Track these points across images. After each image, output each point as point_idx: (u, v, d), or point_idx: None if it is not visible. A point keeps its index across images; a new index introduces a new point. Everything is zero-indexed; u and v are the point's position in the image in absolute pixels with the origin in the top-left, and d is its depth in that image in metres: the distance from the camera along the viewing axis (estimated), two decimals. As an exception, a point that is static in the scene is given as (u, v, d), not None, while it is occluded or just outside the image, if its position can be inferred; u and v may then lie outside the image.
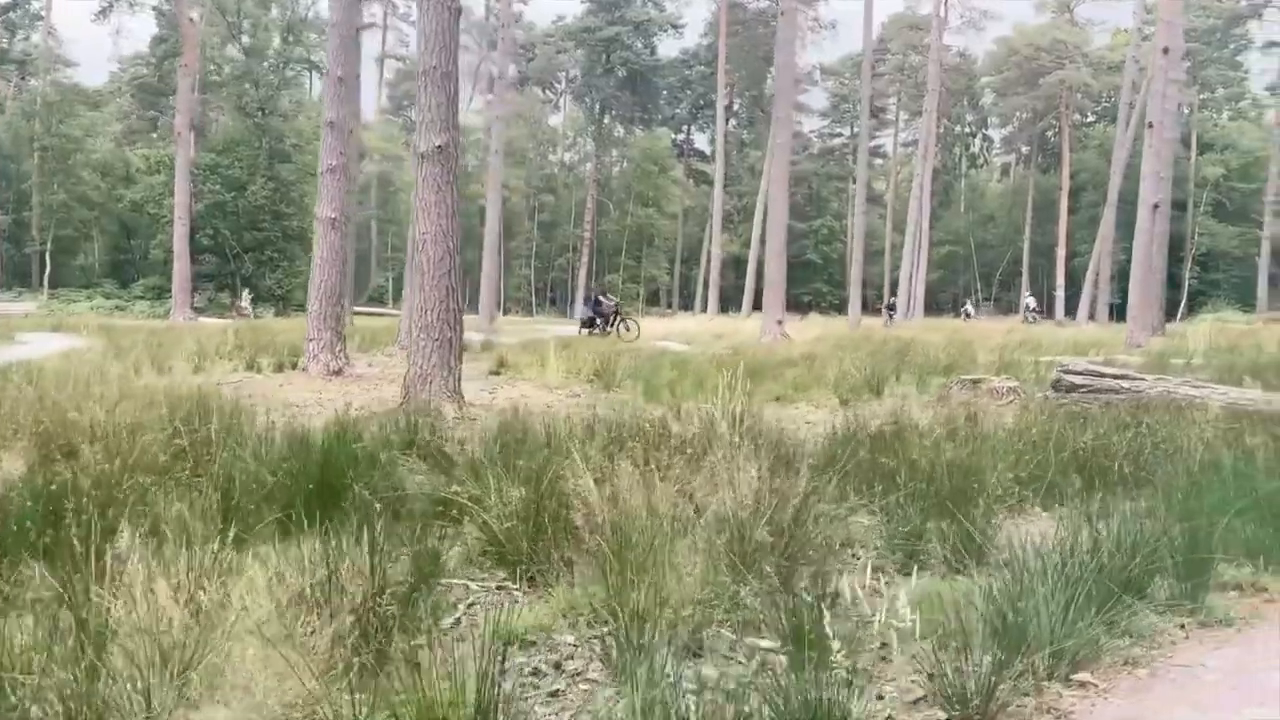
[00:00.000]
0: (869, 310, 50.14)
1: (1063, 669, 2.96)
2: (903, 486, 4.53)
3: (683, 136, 68.47)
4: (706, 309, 46.74)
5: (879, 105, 66.69)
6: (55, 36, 52.49)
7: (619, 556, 3.76)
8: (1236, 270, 54.54)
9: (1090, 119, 63.57)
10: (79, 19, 52.42)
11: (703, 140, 68.56)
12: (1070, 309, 46.60)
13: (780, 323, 21.97)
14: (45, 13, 50.74)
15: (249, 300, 37.73)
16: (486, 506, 4.01)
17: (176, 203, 30.85)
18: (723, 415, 5.40)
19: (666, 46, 64.26)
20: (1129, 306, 22.07)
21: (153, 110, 51.94)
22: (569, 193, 62.69)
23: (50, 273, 43.20)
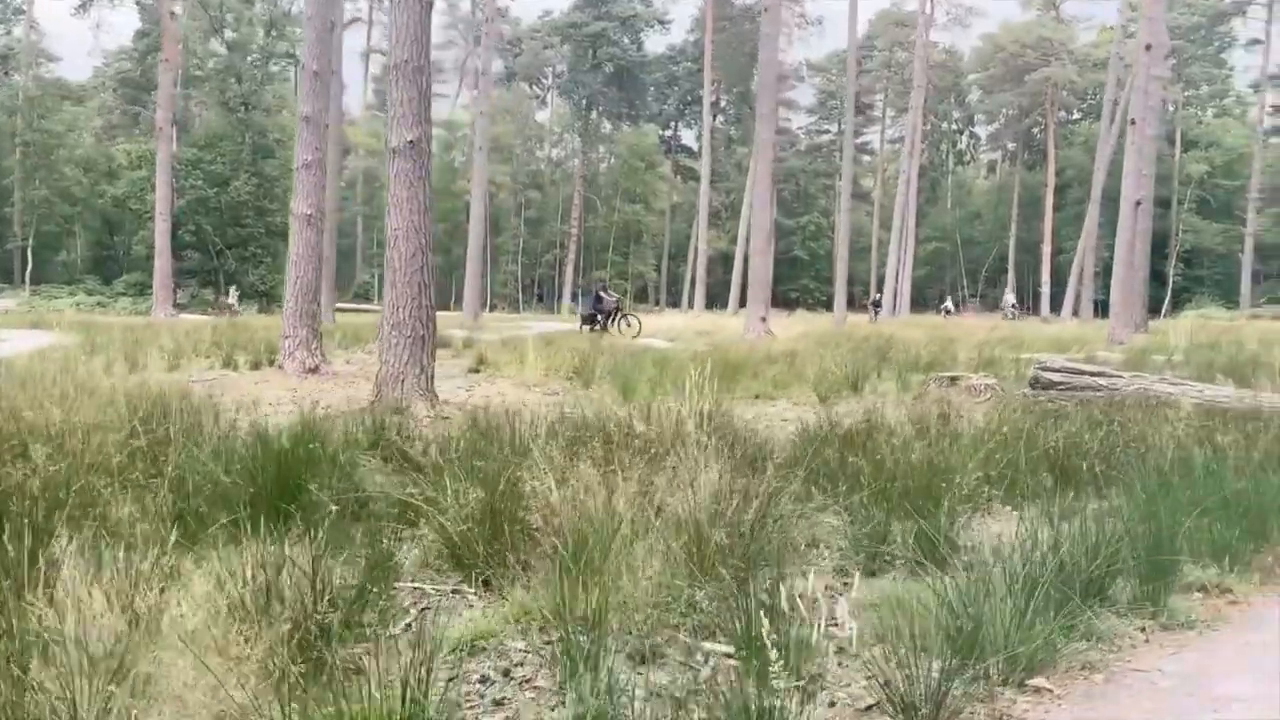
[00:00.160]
0: (855, 307, 50.25)
1: (1018, 674, 2.91)
2: (867, 486, 4.46)
3: (670, 133, 68.42)
4: (693, 306, 46.68)
5: (866, 102, 66.80)
6: (38, 30, 52.06)
7: (575, 559, 3.70)
8: (1220, 267, 54.89)
9: (1076, 116, 63.79)
10: (61, 13, 51.96)
11: (690, 137, 68.57)
12: (1056, 306, 46.77)
13: (764, 319, 21.93)
14: (27, 7, 50.30)
15: (236, 297, 37.50)
16: (441, 508, 3.93)
17: (158, 198, 30.56)
18: (690, 414, 5.34)
19: (653, 42, 64.24)
20: (1111, 303, 22.13)
21: (136, 105, 51.51)
22: (556, 189, 62.54)
23: (32, 269, 42.84)
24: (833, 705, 2.88)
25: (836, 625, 3.71)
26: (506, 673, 3.11)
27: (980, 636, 2.95)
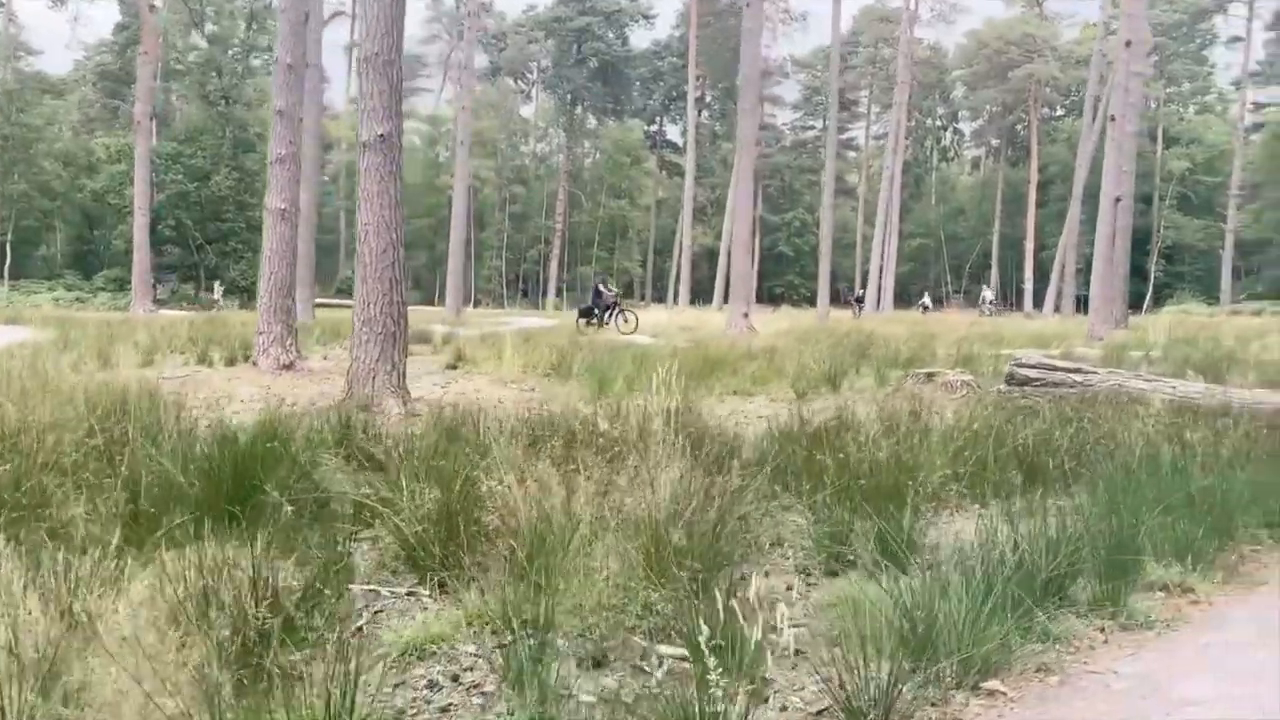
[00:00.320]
0: (840, 303, 50.32)
1: (972, 676, 2.87)
2: (830, 484, 4.42)
3: (655, 128, 68.32)
4: (678, 301, 46.64)
5: (851, 98, 66.88)
6: (16, 24, 51.41)
7: (531, 561, 3.64)
8: (1201, 263, 55.27)
9: (1059, 113, 64.05)
10: (40, 6, 51.35)
11: (675, 132, 68.50)
12: (1039, 302, 46.95)
13: (746, 315, 21.89)
14: (5, 0, 49.70)
15: (221, 292, 37.22)
16: (397, 509, 3.86)
17: (136, 192, 30.28)
18: (657, 412, 5.28)
19: (638, 37, 64.11)
20: (1091, 299, 22.21)
21: (116, 99, 51.02)
22: (541, 184, 62.35)
23: (11, 264, 42.36)
24: (784, 710, 2.83)
25: (797, 626, 3.69)
26: (455, 678, 3.05)
27: (934, 638, 2.92)
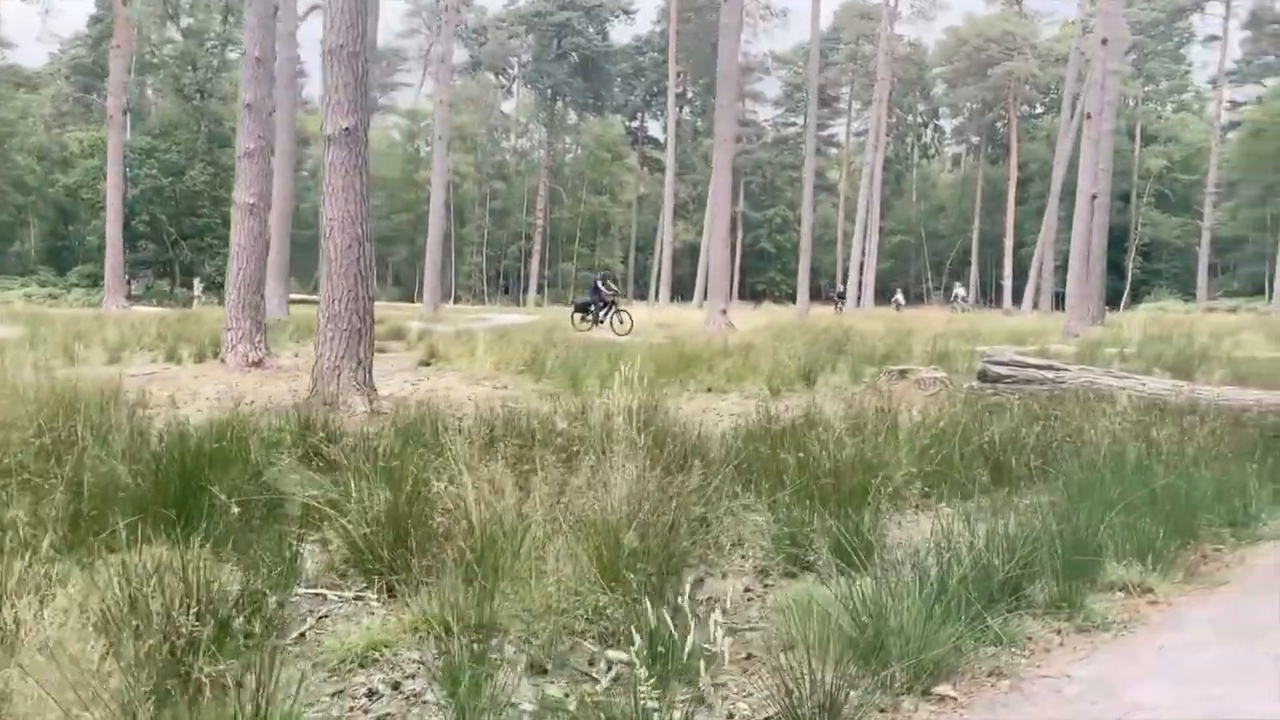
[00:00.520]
0: (821, 299, 50.39)
1: (923, 681, 2.81)
2: (791, 483, 4.36)
3: (636, 124, 68.15)
4: (659, 298, 46.57)
5: (832, 94, 66.95)
6: (-11, 16, 50.70)
7: (481, 564, 3.56)
8: (1178, 260, 55.74)
9: (1038, 110, 64.38)
10: (14, -2, 50.54)
11: (657, 128, 68.39)
12: (1018, 299, 47.20)
13: (725, 312, 21.86)
14: (-24, -10, 48.94)
15: (200, 289, 36.83)
16: (344, 511, 3.77)
17: (109, 187, 29.93)
18: (619, 410, 5.20)
19: (619, 33, 63.93)
20: (1067, 296, 22.31)
21: (90, 92, 50.37)
22: (521, 180, 62.10)
23: (-15, 260, 41.87)
24: (730, 718, 2.76)
25: (751, 628, 3.63)
26: (397, 685, 2.97)
27: (883, 642, 2.86)
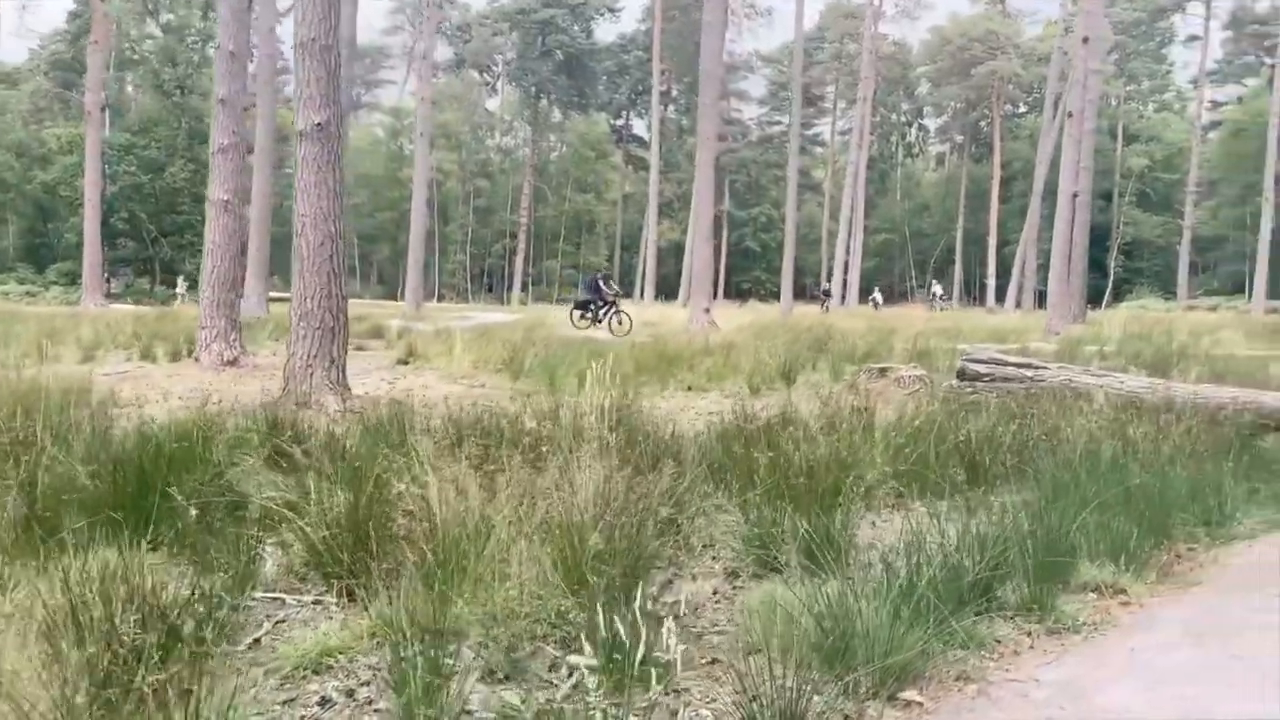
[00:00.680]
0: (807, 298, 50.44)
1: (889, 686, 2.75)
2: (761, 483, 4.29)
3: (621, 122, 68.03)
4: (644, 297, 46.49)
5: (817, 93, 67.02)
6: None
7: (443, 567, 3.48)
8: (1159, 258, 56.10)
9: (1022, 110, 64.64)
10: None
11: (642, 126, 68.23)
12: (1001, 297, 47.38)
13: (708, 310, 21.81)
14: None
15: (185, 287, 36.47)
16: (302, 512, 3.68)
17: (87, 184, 29.64)
18: (591, 409, 5.13)
19: (604, 31, 63.78)
20: (1049, 294, 22.39)
21: (69, 88, 49.84)
22: (506, 178, 61.88)
23: (-39, 258, 41.36)
24: (692, 725, 2.69)
25: (718, 632, 3.56)
26: (351, 693, 2.88)
27: (850, 645, 2.80)
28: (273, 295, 23.68)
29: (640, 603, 2.61)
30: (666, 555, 4.12)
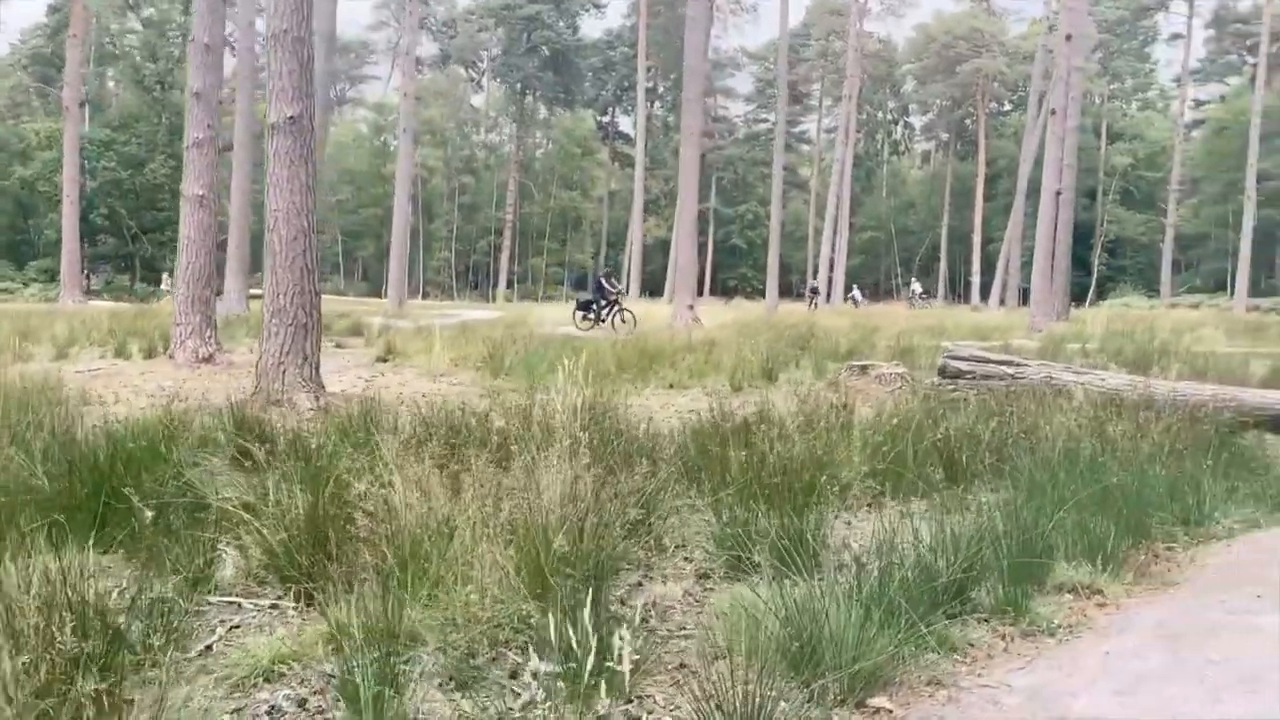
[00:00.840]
0: (793, 295, 50.42)
1: (858, 692, 2.67)
2: (734, 482, 4.21)
3: (608, 119, 67.86)
4: (628, 294, 46.35)
5: (803, 91, 67.05)
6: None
7: (403, 570, 3.38)
8: (1142, 256, 56.40)
9: (1006, 108, 64.85)
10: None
11: (628, 123, 68.05)
12: (985, 294, 47.52)
13: (691, 307, 21.74)
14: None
15: (170, 283, 36.13)
16: (260, 514, 3.58)
17: (65, 180, 29.30)
18: (563, 407, 5.03)
19: (590, 26, 63.60)
20: (1032, 291, 22.42)
21: (48, 83, 49.29)
22: (491, 174, 61.63)
23: (-60, 255, 40.85)
24: (654, 734, 2.61)
25: (686, 635, 3.47)
26: (303, 702, 2.78)
27: (818, 650, 2.72)
28: (253, 293, 23.45)
29: (592, 609, 2.51)
30: (637, 557, 4.04)
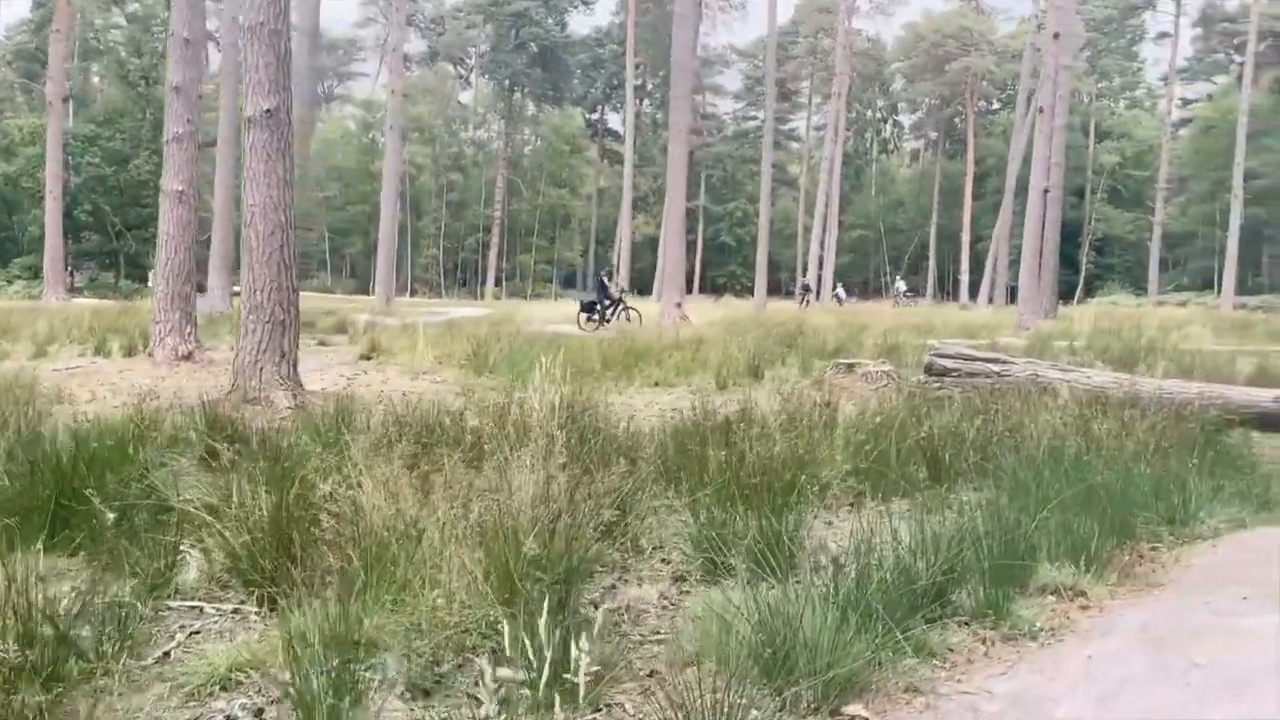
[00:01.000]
0: (782, 293, 50.38)
1: (833, 700, 2.59)
2: (713, 482, 4.13)
3: (597, 116, 67.70)
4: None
5: (792, 88, 67.00)
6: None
7: (369, 573, 3.29)
8: (1130, 254, 56.59)
9: (995, 107, 64.95)
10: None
11: (617, 120, 67.90)
12: (974, 293, 47.59)
13: (679, 305, 21.65)
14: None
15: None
16: (221, 516, 3.48)
17: (48, 176, 28.98)
18: (541, 406, 4.94)
19: (578, 23, 63.44)
20: (1020, 289, 22.43)
21: (33, 79, 48.85)
22: (479, 172, 61.38)
23: (-79, 251, 40.36)
24: (623, 744, 2.52)
25: (659, 640, 3.39)
26: (259, 712, 2.69)
27: (794, 655, 2.63)
28: (237, 289, 23.23)
29: (553, 616, 2.42)
30: (613, 559, 3.95)
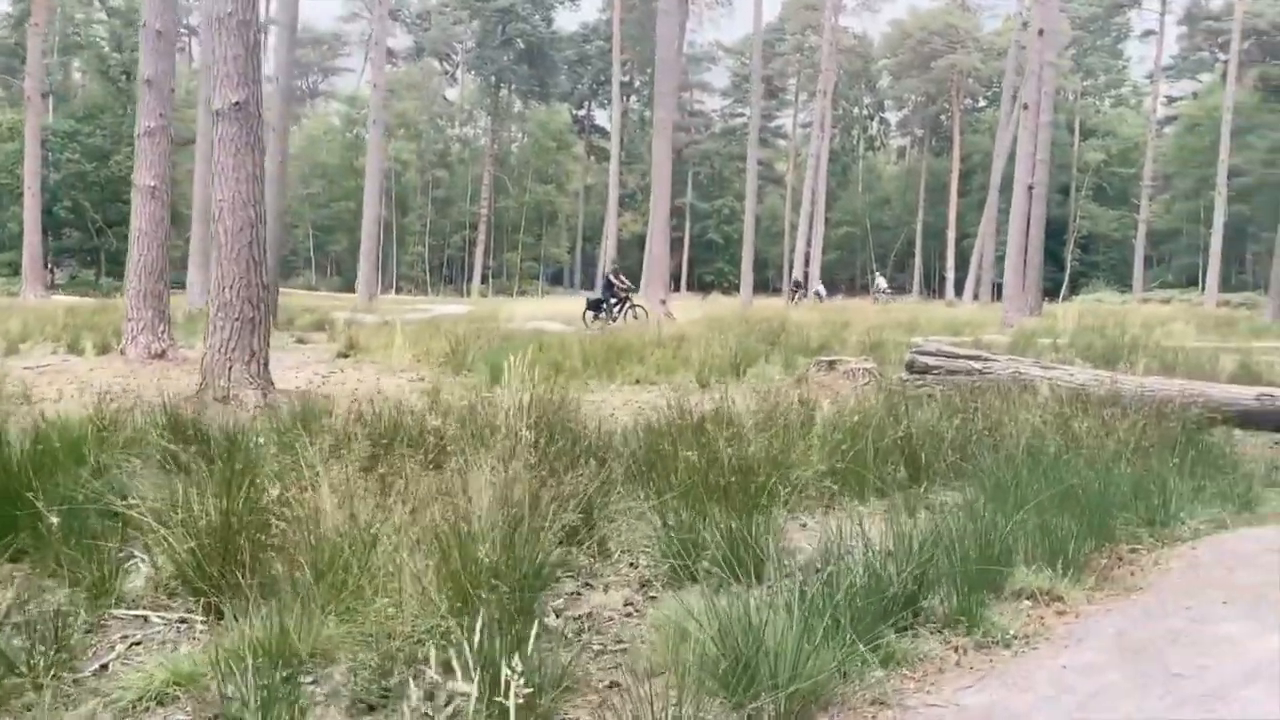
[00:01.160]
0: (769, 290, 50.35)
1: (798, 713, 2.48)
2: (682, 484, 4.01)
3: (583, 113, 67.50)
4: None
5: (779, 85, 66.96)
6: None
7: (320, 581, 3.16)
8: (1115, 252, 56.79)
9: (981, 104, 65.06)
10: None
11: (604, 117, 67.81)
12: (960, 290, 47.65)
13: (664, 302, 21.54)
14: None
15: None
16: (167, 521, 3.34)
17: (26, 172, 28.63)
18: (511, 405, 4.82)
19: (565, 19, 63.20)
20: (1004, 286, 22.42)
21: (11, 74, 48.33)
22: (465, 168, 61.08)
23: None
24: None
25: (621, 649, 3.27)
26: (195, 728, 2.56)
27: (757, 666, 2.52)
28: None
29: (469, 641, 2.30)
30: (579, 564, 3.84)
